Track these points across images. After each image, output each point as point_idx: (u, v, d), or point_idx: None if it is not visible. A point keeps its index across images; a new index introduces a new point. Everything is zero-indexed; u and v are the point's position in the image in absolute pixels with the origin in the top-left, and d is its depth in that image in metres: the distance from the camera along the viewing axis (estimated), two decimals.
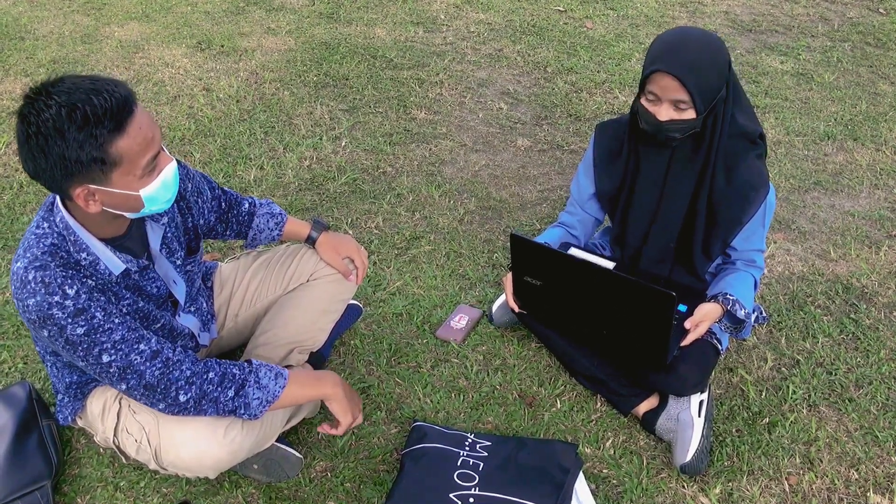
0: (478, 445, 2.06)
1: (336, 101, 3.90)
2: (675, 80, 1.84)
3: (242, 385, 1.69)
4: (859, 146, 3.68)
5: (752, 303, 2.11)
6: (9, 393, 2.08)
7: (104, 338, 1.56)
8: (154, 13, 4.89)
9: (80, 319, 1.53)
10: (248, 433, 1.76)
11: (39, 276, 1.50)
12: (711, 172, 2.02)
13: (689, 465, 2.02)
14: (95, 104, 1.41)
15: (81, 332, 1.53)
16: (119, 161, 1.46)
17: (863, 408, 2.29)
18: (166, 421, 1.74)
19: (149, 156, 1.50)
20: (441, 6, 5.13)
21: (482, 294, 2.67)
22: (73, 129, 1.40)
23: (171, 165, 1.58)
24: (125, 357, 1.58)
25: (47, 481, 1.91)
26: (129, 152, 1.46)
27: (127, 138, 1.45)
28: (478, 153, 3.53)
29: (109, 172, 1.47)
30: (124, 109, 1.44)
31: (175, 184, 1.61)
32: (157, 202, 1.58)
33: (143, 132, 1.48)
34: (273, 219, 2.15)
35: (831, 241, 3.01)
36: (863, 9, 5.37)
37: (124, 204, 1.54)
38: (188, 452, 1.72)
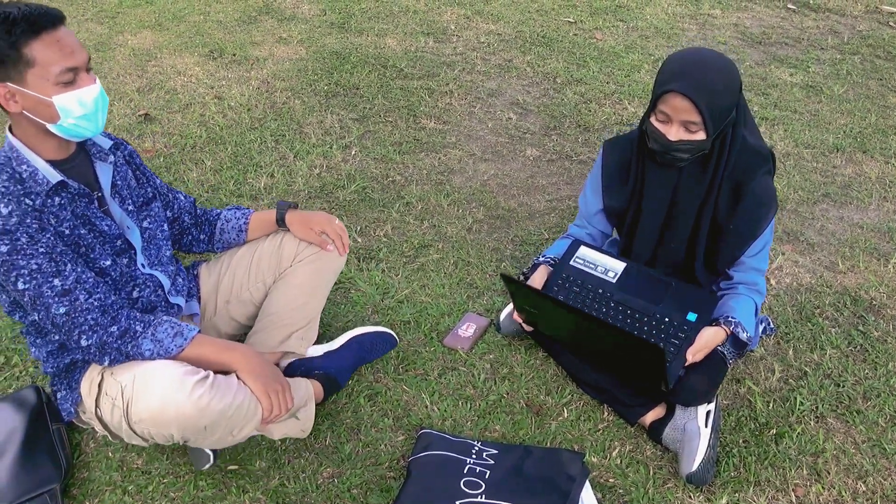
0: (484, 453, 2.06)
1: (346, 109, 3.92)
2: (689, 101, 1.83)
3: (135, 337, 1.75)
4: (868, 158, 3.67)
5: (752, 327, 2.12)
6: (20, 396, 2.10)
7: (23, 262, 1.63)
8: (167, 22, 4.93)
9: (5, 239, 1.61)
10: (217, 399, 1.72)
11: None
12: (717, 191, 2.02)
13: (695, 475, 2.02)
14: (18, 10, 1.58)
15: (4, 250, 1.61)
16: (31, 62, 1.59)
17: (871, 420, 2.28)
18: (142, 374, 1.73)
19: (63, 65, 1.61)
20: (451, 17, 5.16)
21: (490, 303, 2.68)
22: None
23: (93, 87, 1.68)
24: (38, 287, 1.65)
25: (56, 484, 1.93)
26: (42, 56, 1.59)
27: (41, 42, 1.59)
28: (487, 162, 3.54)
29: (23, 71, 1.59)
30: (44, 19, 1.59)
31: (97, 108, 1.70)
32: (71, 115, 1.66)
33: (59, 43, 1.61)
34: (239, 211, 2.24)
35: (840, 253, 3.01)
36: (872, 22, 5.37)
37: (40, 110, 1.64)
38: (155, 400, 1.69)
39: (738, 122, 1.96)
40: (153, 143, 3.55)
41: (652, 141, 1.98)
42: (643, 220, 2.17)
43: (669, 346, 2.04)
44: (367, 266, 2.82)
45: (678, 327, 2.06)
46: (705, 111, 1.84)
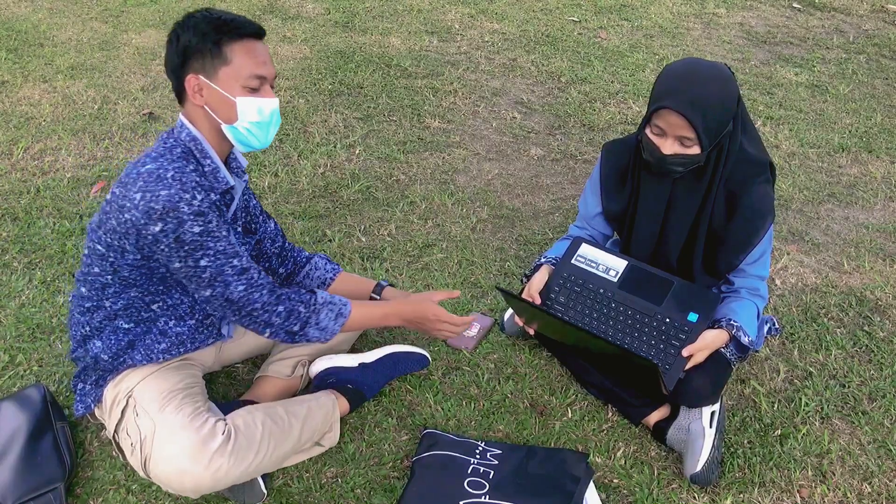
0: (488, 453, 2.06)
1: (350, 109, 3.92)
2: (682, 118, 1.83)
3: (305, 323, 1.86)
4: (874, 158, 3.66)
5: (755, 331, 2.11)
6: (24, 395, 2.10)
7: (211, 243, 1.71)
8: (171, 21, 4.93)
9: (200, 220, 1.68)
10: (235, 465, 1.78)
11: (178, 175, 1.67)
12: (713, 200, 2.01)
13: (699, 476, 2.02)
14: (230, 17, 1.72)
15: (197, 231, 1.68)
16: (227, 60, 1.70)
17: (876, 421, 2.27)
18: (161, 431, 1.78)
19: (256, 72, 1.72)
20: (455, 16, 5.15)
21: (494, 302, 2.68)
22: (203, 24, 1.69)
23: (273, 100, 1.78)
24: (220, 266, 1.73)
25: (60, 483, 1.92)
26: (239, 58, 1.71)
27: (241, 47, 1.71)
28: (491, 162, 3.54)
29: (218, 67, 1.71)
30: (249, 27, 1.73)
31: (270, 122, 1.80)
32: (247, 117, 1.75)
33: (257, 52, 1.73)
34: (329, 263, 2.29)
35: (845, 254, 3.00)
36: (878, 21, 5.36)
37: (222, 107, 1.74)
38: (171, 468, 1.75)
39: (737, 131, 1.95)
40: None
41: (647, 153, 1.98)
42: (638, 226, 2.17)
43: (670, 348, 2.04)
44: (370, 265, 2.82)
45: (679, 328, 2.06)
46: (699, 127, 1.84)
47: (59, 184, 3.21)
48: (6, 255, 2.80)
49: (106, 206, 1.73)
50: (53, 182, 3.22)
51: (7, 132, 3.58)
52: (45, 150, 3.46)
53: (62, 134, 3.58)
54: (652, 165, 1.99)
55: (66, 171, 3.30)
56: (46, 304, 2.57)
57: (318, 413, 2.02)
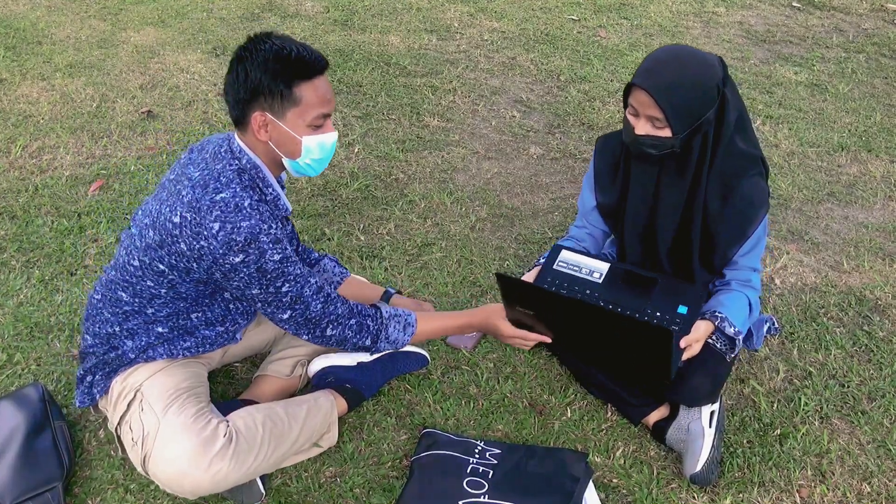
0: (488, 453, 2.06)
1: (349, 107, 3.92)
2: (649, 96, 1.85)
3: (376, 337, 1.93)
4: (873, 157, 3.66)
5: (744, 322, 2.09)
6: (22, 394, 2.10)
7: (290, 268, 1.76)
8: (170, 19, 4.92)
9: (278, 247, 1.72)
10: (234, 468, 1.79)
11: (255, 205, 1.71)
12: (704, 194, 2.00)
13: (698, 476, 2.01)
14: (300, 53, 1.70)
15: (277, 258, 1.72)
16: (297, 101, 1.71)
17: (875, 421, 2.27)
18: (164, 430, 1.79)
19: (322, 111, 1.75)
20: (455, 14, 5.15)
21: (493, 301, 2.67)
22: (274, 62, 1.68)
23: (333, 134, 1.82)
24: (300, 289, 1.79)
25: (58, 483, 1.92)
26: (308, 98, 1.72)
27: (311, 87, 1.72)
28: (490, 161, 3.53)
29: (286, 107, 1.72)
30: (317, 66, 1.73)
31: (329, 154, 1.84)
32: (310, 154, 1.79)
33: (323, 90, 1.74)
34: (338, 267, 2.31)
35: (844, 253, 3.00)
36: (878, 20, 5.36)
37: (286, 144, 1.77)
38: (171, 469, 1.76)
39: (725, 124, 1.94)
40: (156, 140, 3.55)
41: (624, 133, 2.00)
42: (628, 217, 2.15)
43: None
44: (370, 264, 2.82)
45: (670, 321, 2.02)
46: (666, 107, 1.85)
47: (57, 182, 3.21)
48: (4, 253, 2.79)
49: (174, 229, 1.70)
50: (52, 180, 3.21)
51: (5, 130, 3.57)
52: (43, 148, 3.45)
53: (60, 132, 3.57)
54: (629, 145, 2.01)
55: (64, 170, 3.29)
56: (44, 303, 2.56)
57: (316, 415, 2.02)
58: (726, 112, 1.93)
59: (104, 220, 2.98)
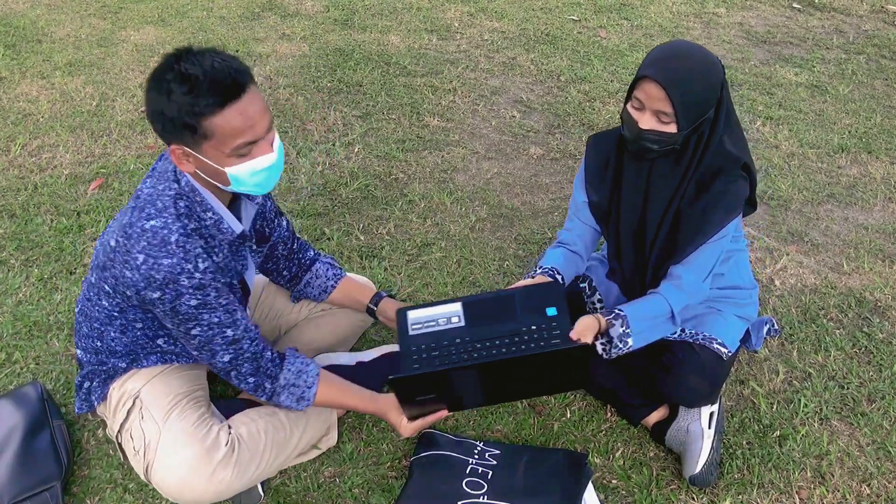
0: (487, 454, 2.06)
1: (349, 107, 3.91)
2: (662, 89, 1.81)
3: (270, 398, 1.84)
4: (873, 159, 3.66)
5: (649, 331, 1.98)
6: (20, 393, 2.09)
7: (206, 315, 1.65)
8: (170, 17, 4.92)
9: (199, 293, 1.62)
10: (237, 477, 1.78)
11: (183, 241, 1.60)
12: (683, 193, 1.97)
13: (698, 477, 2.01)
14: (203, 72, 1.48)
15: (193, 304, 1.63)
16: (210, 135, 1.53)
17: (875, 422, 2.27)
18: (166, 439, 1.78)
19: (241, 140, 1.55)
20: (455, 14, 5.14)
21: None
22: (178, 95, 1.49)
23: (268, 157, 1.61)
24: (211, 337, 1.69)
25: (57, 482, 1.92)
26: (222, 131, 1.52)
27: (222, 118, 1.51)
28: (490, 161, 3.53)
29: (201, 142, 1.54)
30: (231, 90, 1.50)
31: (270, 175, 1.65)
32: (243, 184, 1.62)
33: (242, 115, 1.53)
34: (332, 269, 2.20)
35: (844, 254, 3.00)
36: (878, 21, 5.36)
37: (212, 175, 1.61)
38: (174, 479, 1.75)
39: (719, 125, 1.92)
40: (155, 139, 3.54)
41: (625, 128, 1.95)
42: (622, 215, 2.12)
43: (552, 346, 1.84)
44: (369, 264, 2.81)
45: (548, 326, 1.90)
46: (677, 102, 1.81)
47: (56, 181, 3.20)
48: (3, 252, 2.79)
49: (110, 253, 1.66)
50: (51, 179, 3.21)
51: (5, 129, 3.56)
52: (42, 146, 3.45)
53: (60, 131, 3.57)
54: (629, 142, 1.95)
55: (63, 168, 3.29)
56: (43, 302, 2.56)
57: (316, 419, 2.01)
58: (721, 112, 1.92)
59: (104, 218, 2.97)
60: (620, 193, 2.09)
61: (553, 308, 1.91)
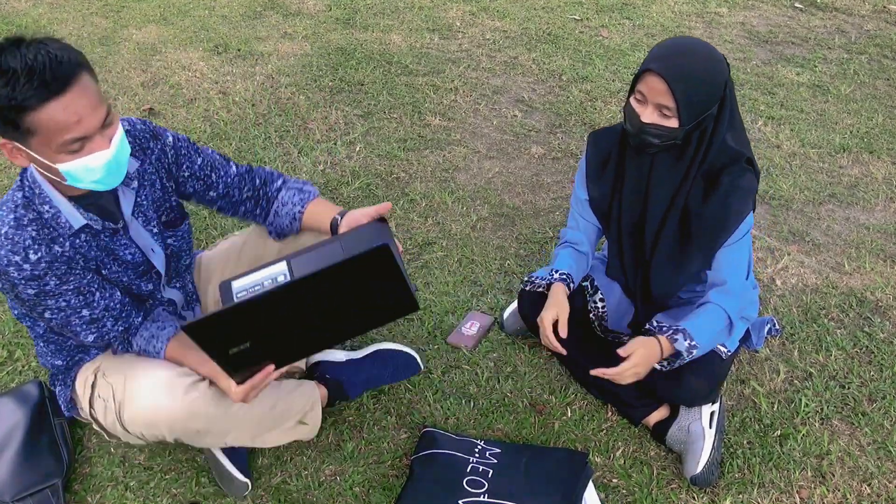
0: (487, 452, 2.06)
1: (351, 106, 3.92)
2: (664, 83, 1.81)
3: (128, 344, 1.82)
4: (875, 159, 3.66)
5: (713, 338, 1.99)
6: (22, 391, 2.10)
7: (51, 302, 1.63)
8: (172, 16, 4.92)
9: (33, 284, 1.59)
10: (211, 400, 1.74)
11: (11, 233, 1.56)
12: (688, 189, 1.97)
13: (699, 477, 2.01)
14: (23, 64, 1.40)
15: (31, 293, 1.61)
16: (34, 131, 1.45)
17: (876, 422, 2.27)
18: (136, 373, 1.75)
19: (68, 136, 1.47)
20: (457, 13, 5.15)
21: (494, 301, 2.67)
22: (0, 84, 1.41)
23: (103, 153, 1.53)
24: (66, 319, 1.68)
25: (58, 479, 1.92)
26: (46, 127, 1.45)
27: (45, 114, 1.43)
28: (491, 160, 3.53)
29: (27, 137, 1.47)
30: (53, 84, 1.42)
31: (109, 171, 1.56)
32: (79, 180, 1.54)
33: (66, 111, 1.44)
34: (298, 194, 1.99)
35: (846, 254, 3.00)
36: (880, 21, 5.35)
37: (46, 171, 1.54)
38: (146, 402, 1.71)
39: (722, 121, 1.92)
40: None
41: (627, 122, 1.95)
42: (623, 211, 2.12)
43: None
44: None
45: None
46: (680, 97, 1.81)
47: None
48: None
49: None
50: None
51: None
52: None
53: None
54: (630, 135, 1.95)
55: None
56: None
57: (295, 391, 1.98)
58: (725, 110, 1.92)
59: None
60: (622, 189, 2.09)
61: (381, 242, 1.66)
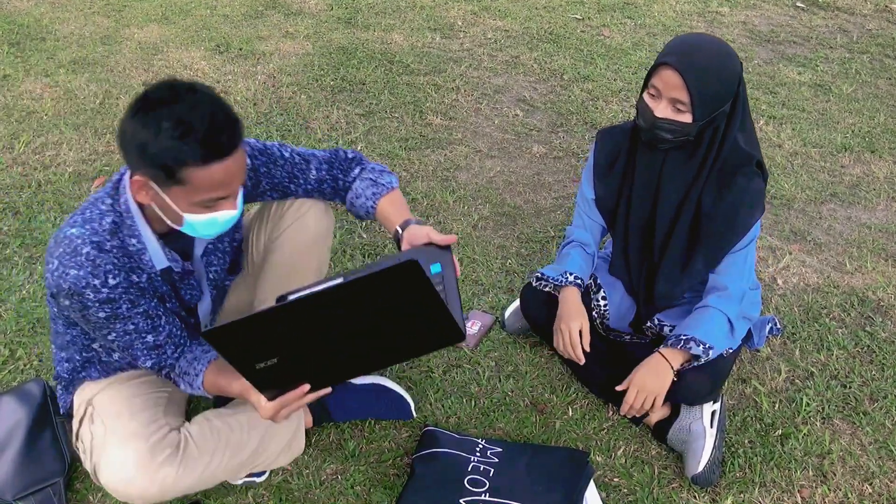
0: (489, 451, 2.06)
1: (352, 105, 3.92)
2: (680, 77, 1.81)
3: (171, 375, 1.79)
4: (877, 158, 3.66)
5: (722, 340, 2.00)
6: (24, 390, 2.10)
7: (119, 325, 1.63)
8: (173, 16, 4.92)
9: (107, 307, 1.59)
10: (183, 475, 1.72)
11: (93, 255, 1.56)
12: (701, 189, 1.97)
13: (700, 476, 2.01)
14: (201, 121, 1.44)
15: (103, 316, 1.60)
16: (184, 182, 1.48)
17: (877, 421, 2.27)
18: (111, 440, 1.74)
19: (213, 195, 1.52)
20: (458, 13, 5.14)
21: (495, 300, 2.67)
22: (168, 136, 1.43)
23: (229, 214, 1.59)
24: (130, 342, 1.68)
25: (60, 478, 1.93)
26: (197, 184, 1.49)
27: (206, 172, 1.47)
28: (493, 159, 3.53)
29: (171, 185, 1.49)
30: (219, 150, 1.47)
31: (223, 227, 1.62)
32: (196, 231, 1.60)
33: (219, 177, 1.49)
34: (373, 186, 1.91)
35: (847, 254, 2.99)
36: (882, 21, 5.35)
37: (168, 213, 1.57)
38: (117, 477, 1.70)
39: (735, 120, 1.93)
40: None
41: (640, 117, 1.95)
42: (632, 210, 2.12)
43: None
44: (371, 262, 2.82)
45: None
46: (694, 91, 1.81)
47: (60, 178, 3.21)
48: (7, 249, 2.80)
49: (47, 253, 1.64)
50: (55, 176, 3.22)
51: (9, 126, 3.57)
52: (46, 144, 3.45)
53: (64, 128, 3.57)
54: (643, 131, 1.95)
55: (67, 166, 3.30)
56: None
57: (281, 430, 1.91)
58: (738, 108, 1.92)
59: None
60: (631, 187, 2.09)
61: (437, 265, 1.73)
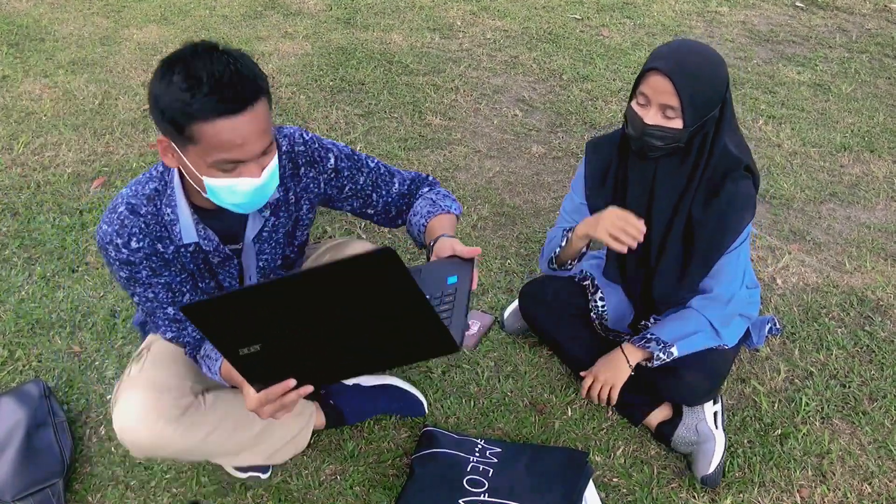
0: (488, 452, 2.06)
1: (352, 105, 3.92)
2: (669, 82, 1.80)
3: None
4: (876, 158, 3.65)
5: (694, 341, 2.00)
6: (22, 390, 2.10)
7: (140, 290, 1.68)
8: (172, 16, 4.92)
9: (126, 268, 1.63)
10: (181, 435, 1.71)
11: (124, 215, 1.60)
12: (692, 196, 1.96)
13: (710, 478, 2.02)
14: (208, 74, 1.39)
15: (124, 276, 1.65)
16: (195, 140, 1.44)
17: (877, 421, 2.27)
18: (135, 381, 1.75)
19: (226, 156, 1.45)
20: (458, 13, 5.14)
21: (494, 300, 2.67)
22: (177, 89, 1.40)
23: (252, 181, 1.50)
24: (152, 311, 1.72)
25: (59, 479, 1.93)
26: (207, 141, 1.43)
27: (212, 128, 1.41)
28: (492, 160, 3.53)
29: (186, 143, 1.46)
30: (231, 103, 1.41)
31: (251, 199, 1.54)
32: (219, 199, 1.53)
33: (233, 134, 1.43)
34: (430, 206, 1.85)
35: (846, 253, 2.99)
36: (881, 20, 5.35)
37: (191, 178, 1.54)
38: (118, 418, 1.71)
39: (724, 124, 1.91)
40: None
41: (629, 126, 1.92)
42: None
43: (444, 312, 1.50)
44: None
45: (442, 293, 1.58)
46: (684, 97, 1.79)
47: (59, 179, 3.21)
48: (6, 250, 2.80)
49: None
50: (54, 177, 3.22)
51: (8, 127, 3.57)
52: (45, 145, 3.45)
53: (63, 129, 3.57)
54: (632, 140, 1.93)
55: (66, 167, 3.30)
56: (46, 300, 2.57)
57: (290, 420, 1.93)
58: (726, 113, 1.91)
59: None
60: (624, 197, 2.07)
61: (454, 276, 1.64)
